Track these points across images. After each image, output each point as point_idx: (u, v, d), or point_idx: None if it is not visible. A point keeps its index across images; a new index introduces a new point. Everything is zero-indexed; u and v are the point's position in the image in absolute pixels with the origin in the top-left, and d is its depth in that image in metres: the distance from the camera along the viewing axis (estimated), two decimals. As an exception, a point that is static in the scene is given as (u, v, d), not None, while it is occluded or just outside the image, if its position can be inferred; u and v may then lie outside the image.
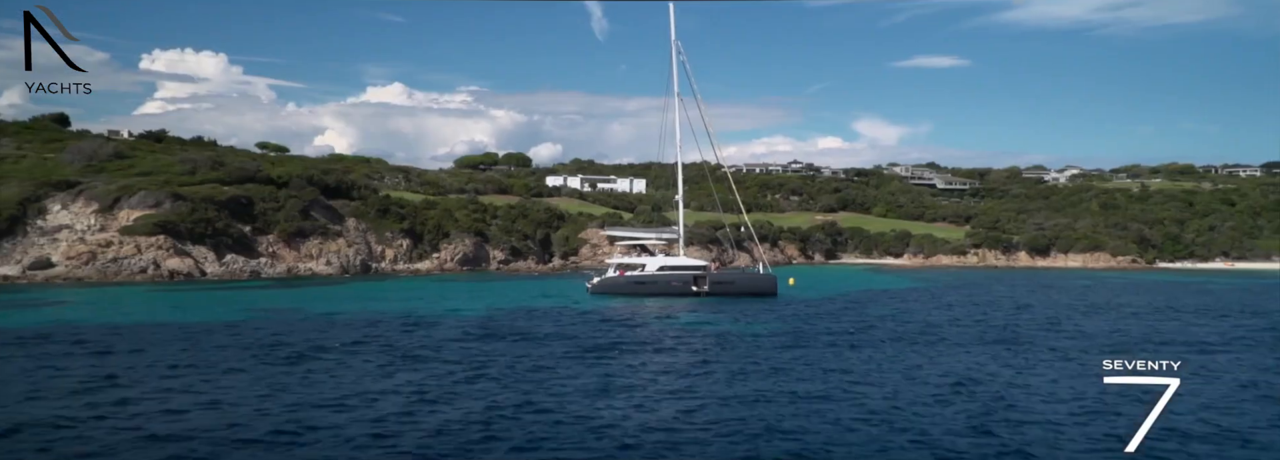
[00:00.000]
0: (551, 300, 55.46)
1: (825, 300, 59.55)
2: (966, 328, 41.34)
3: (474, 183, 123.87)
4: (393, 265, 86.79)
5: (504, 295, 59.33)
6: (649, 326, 41.42)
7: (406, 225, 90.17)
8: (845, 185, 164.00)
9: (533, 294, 60.76)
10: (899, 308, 53.53)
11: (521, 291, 63.13)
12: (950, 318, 46.70)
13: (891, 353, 32.37)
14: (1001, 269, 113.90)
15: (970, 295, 65.21)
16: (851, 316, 47.21)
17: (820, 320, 44.97)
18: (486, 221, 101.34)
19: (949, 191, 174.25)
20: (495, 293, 61.57)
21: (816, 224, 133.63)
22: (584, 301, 55.55)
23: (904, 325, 42.31)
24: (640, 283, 59.97)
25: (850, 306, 54.11)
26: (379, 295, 57.88)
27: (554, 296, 58.74)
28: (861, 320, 44.85)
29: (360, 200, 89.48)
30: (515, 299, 56.22)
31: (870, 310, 51.59)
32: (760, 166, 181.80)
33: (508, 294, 60.67)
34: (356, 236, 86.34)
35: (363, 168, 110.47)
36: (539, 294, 60.75)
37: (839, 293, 66.93)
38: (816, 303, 57.06)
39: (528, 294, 60.79)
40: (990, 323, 43.91)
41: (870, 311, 50.49)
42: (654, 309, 50.91)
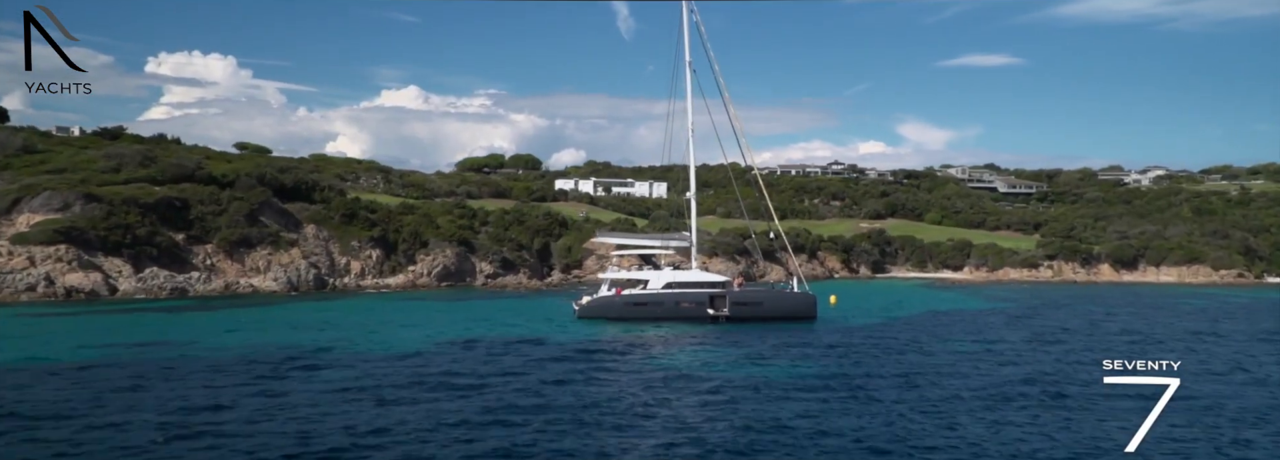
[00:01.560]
0: (524, 327, 45.73)
1: (880, 326, 49.25)
2: (1101, 369, 30.83)
3: (467, 185, 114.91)
4: (359, 280, 77.57)
5: (469, 320, 49.73)
6: (633, 371, 31.56)
7: (377, 233, 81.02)
8: (893, 189, 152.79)
9: (507, 317, 51.11)
10: (982, 338, 43.10)
11: (495, 314, 53.51)
12: (1069, 357, 36.18)
13: (1014, 419, 22.06)
14: (1082, 284, 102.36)
15: (1064, 319, 54.46)
16: (923, 353, 36.89)
17: (879, 359, 34.79)
18: (474, 229, 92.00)
19: (1012, 196, 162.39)
20: (460, 316, 52.00)
21: (861, 232, 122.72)
22: (567, 328, 45.80)
23: (1005, 368, 31.91)
24: (641, 304, 50.11)
25: (916, 336, 43.73)
26: (308, 320, 48.55)
27: (531, 321, 49.06)
28: (941, 361, 34.49)
29: (322, 203, 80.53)
30: (479, 325, 46.58)
31: (947, 342, 41.16)
32: (797, 168, 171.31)
33: (476, 318, 51.09)
34: (316, 246, 77.34)
35: (335, 167, 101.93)
36: (515, 317, 51.10)
37: (895, 315, 56.53)
38: (869, 330, 46.80)
39: (501, 317, 51.15)
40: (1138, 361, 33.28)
41: (948, 344, 40.09)
42: (654, 341, 41.01)
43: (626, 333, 44.39)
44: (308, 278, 71.61)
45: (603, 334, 43.68)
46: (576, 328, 46.08)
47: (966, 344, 41.05)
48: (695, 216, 54.16)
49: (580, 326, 46.77)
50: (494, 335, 41.95)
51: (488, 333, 42.91)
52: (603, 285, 52.79)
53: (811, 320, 51.27)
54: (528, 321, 48.86)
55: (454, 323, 47.86)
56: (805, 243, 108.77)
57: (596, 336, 42.27)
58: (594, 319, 49.36)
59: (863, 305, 64.22)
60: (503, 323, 48.21)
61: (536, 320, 50.22)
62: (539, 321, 49.33)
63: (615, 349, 37.44)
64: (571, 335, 42.42)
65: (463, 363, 32.35)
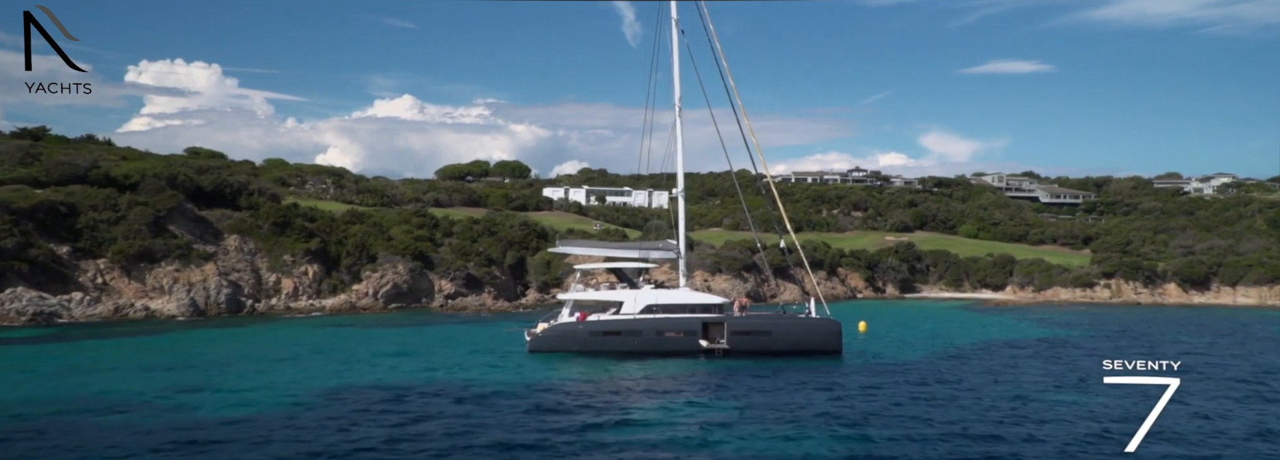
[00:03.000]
0: (450, 367, 36.12)
1: (928, 363, 39.53)
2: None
3: (436, 192, 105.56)
4: (290, 301, 68.13)
5: (383, 355, 40.17)
6: (572, 439, 21.85)
7: (315, 245, 71.64)
8: (922, 198, 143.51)
9: (437, 351, 41.53)
10: (1074, 385, 33.15)
11: (427, 346, 43.95)
12: (1203, 419, 26.35)
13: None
14: (1148, 306, 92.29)
15: (1165, 349, 44.39)
16: (1004, 414, 27.09)
17: (953, 425, 25.00)
18: (436, 241, 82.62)
19: (1056, 206, 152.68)
20: (377, 348, 42.44)
21: (887, 247, 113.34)
22: (508, 367, 36.19)
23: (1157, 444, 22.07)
24: (612, 333, 40.50)
25: (988, 379, 33.81)
26: (171, 358, 39.09)
27: (466, 357, 39.51)
28: (1061, 434, 24.69)
29: (249, 210, 71.21)
30: (388, 363, 37.03)
31: (1040, 390, 31.30)
32: (814, 175, 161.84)
33: (397, 351, 41.55)
34: (238, 261, 67.99)
35: (277, 170, 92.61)
36: (448, 351, 41.55)
37: (942, 347, 46.77)
38: (916, 370, 37.12)
39: (430, 351, 41.58)
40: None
41: (1051, 397, 30.22)
42: (622, 389, 31.38)
43: (587, 375, 34.74)
44: (218, 299, 62.11)
45: (552, 377, 34.02)
46: (521, 367, 36.41)
47: (1071, 394, 31.22)
48: (683, 219, 44.54)
49: (528, 365, 37.11)
50: (397, 380, 32.37)
51: (389, 376, 33.32)
52: (563, 309, 43.12)
53: (836, 355, 41.61)
54: (461, 357, 39.25)
55: (358, 360, 38.27)
56: (824, 258, 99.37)
57: (542, 382, 32.60)
58: (549, 353, 39.69)
59: (898, 333, 54.43)
60: (426, 359, 38.58)
61: (477, 354, 40.62)
62: (478, 357, 39.73)
63: (562, 405, 27.81)
64: (507, 380, 32.75)
65: (304, 433, 22.77)
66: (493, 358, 39.04)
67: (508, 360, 38.33)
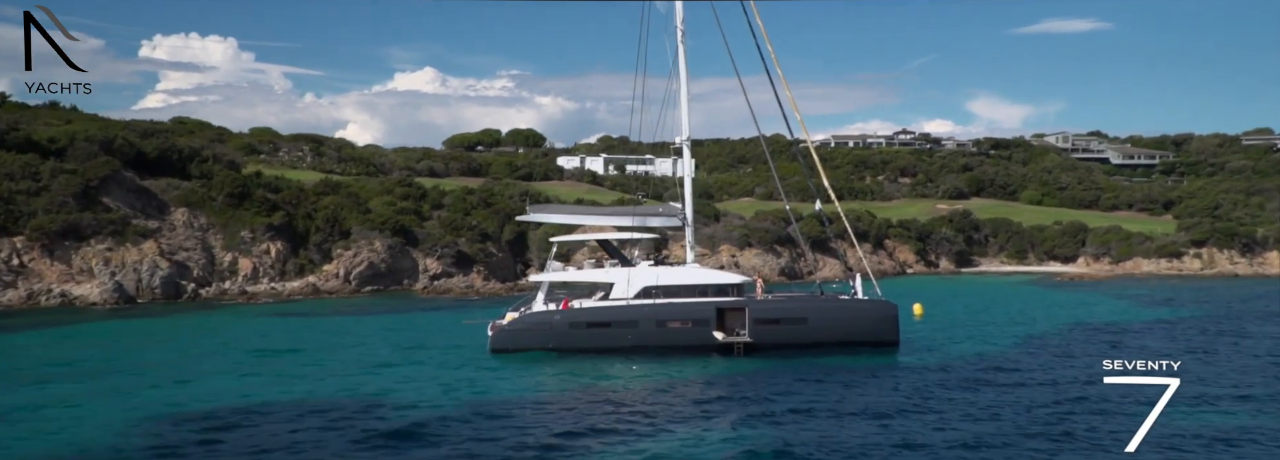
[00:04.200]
0: (361, 380, 28.24)
1: (1020, 357, 31.18)
2: None
3: (431, 160, 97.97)
4: (248, 284, 61.05)
5: (314, 355, 32.61)
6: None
7: (279, 219, 64.38)
8: (977, 162, 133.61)
9: (380, 349, 33.80)
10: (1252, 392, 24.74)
11: (370, 341, 36.29)
12: None
13: None
14: (1248, 278, 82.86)
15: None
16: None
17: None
18: (422, 213, 75.11)
19: (1129, 168, 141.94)
20: (274, 348, 34.78)
21: (940, 215, 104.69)
22: (460, 374, 28.44)
23: None
24: (599, 325, 32.60)
25: (1113, 398, 25.35)
26: (30, 358, 31.79)
27: (412, 357, 31.83)
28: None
29: (201, 180, 63.99)
30: (287, 370, 29.30)
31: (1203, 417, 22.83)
32: (856, 139, 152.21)
33: (334, 350, 34.03)
34: (187, 238, 60.94)
35: (244, 137, 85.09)
36: (394, 349, 33.80)
37: (1026, 334, 38.40)
38: (1005, 366, 28.98)
39: (370, 349, 33.90)
40: None
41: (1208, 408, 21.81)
42: (606, 409, 23.54)
43: (563, 386, 26.97)
44: (151, 283, 54.98)
45: (515, 390, 26.30)
46: (468, 375, 28.60)
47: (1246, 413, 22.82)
48: (690, 176, 36.19)
49: (488, 371, 29.33)
50: (274, 394, 24.69)
51: (265, 388, 25.66)
52: (537, 293, 35.15)
53: (892, 347, 33.47)
54: (391, 359, 31.51)
55: (286, 365, 30.76)
56: (868, 229, 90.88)
57: (499, 399, 24.90)
58: (516, 353, 31.81)
59: (965, 317, 46.07)
60: (354, 363, 30.87)
61: (429, 351, 32.98)
62: (431, 354, 32.09)
63: (521, 439, 19.92)
64: (434, 398, 24.91)
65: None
66: (433, 360, 31.26)
67: (453, 364, 30.50)
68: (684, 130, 36.27)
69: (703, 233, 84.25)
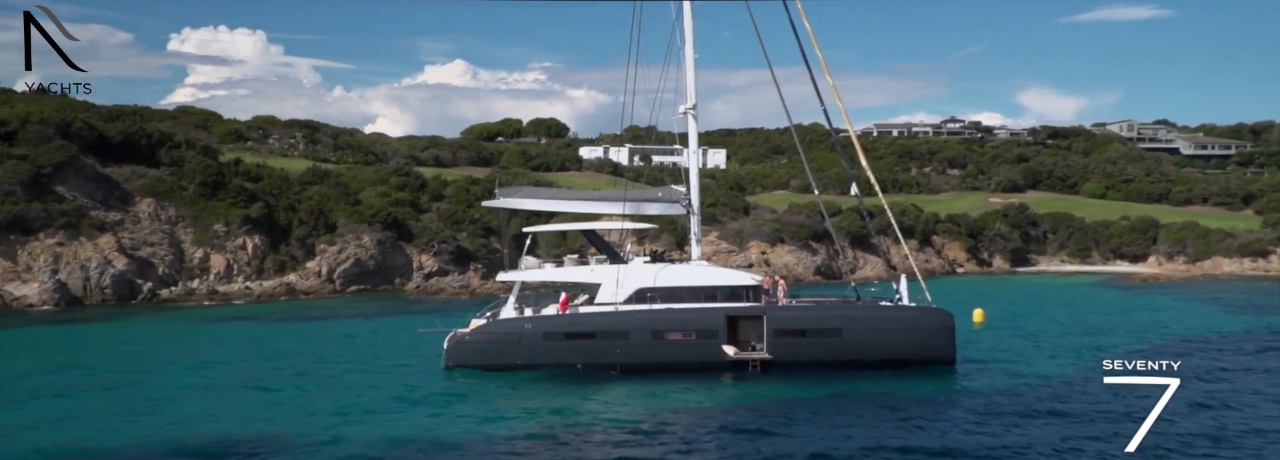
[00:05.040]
0: (282, 412, 22.91)
1: (1119, 390, 25.10)
2: None
3: (437, 149, 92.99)
4: (221, 283, 56.43)
5: (218, 374, 27.31)
6: None
7: (257, 211, 59.69)
8: (1033, 152, 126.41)
9: (312, 370, 28.52)
10: None
11: (310, 358, 31.15)
12: None
13: None
14: (1348, 282, 75.03)
15: None
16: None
17: None
18: (420, 206, 70.09)
19: (1201, 159, 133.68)
20: (227, 361, 29.66)
21: (993, 209, 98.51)
22: (396, 403, 23.01)
23: None
24: (581, 336, 27.02)
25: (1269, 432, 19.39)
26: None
27: (344, 383, 26.41)
28: None
29: (171, 168, 59.42)
30: (201, 400, 24.07)
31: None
32: (900, 127, 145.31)
33: (246, 367, 28.69)
34: (153, 232, 56.41)
35: (231, 123, 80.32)
36: (327, 369, 28.52)
37: (1116, 348, 32.10)
38: (1089, 399, 22.90)
39: (302, 369, 28.64)
40: None
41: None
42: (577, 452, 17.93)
43: (525, 425, 21.43)
44: (101, 283, 50.31)
45: (456, 432, 20.69)
46: (409, 408, 23.12)
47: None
48: (695, 154, 30.46)
49: (429, 400, 23.89)
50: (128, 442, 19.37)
51: (120, 436, 20.34)
52: (508, 297, 29.66)
53: (947, 366, 27.58)
54: (330, 383, 26.17)
55: (115, 390, 25.48)
56: (914, 223, 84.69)
57: (429, 446, 19.26)
58: (475, 371, 26.33)
59: (1031, 324, 39.83)
60: (256, 390, 25.54)
61: (366, 372, 27.57)
62: (365, 377, 26.71)
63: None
64: (362, 442, 19.38)
65: None
66: (363, 383, 25.85)
67: (392, 389, 25.03)
68: (689, 97, 30.55)
69: (730, 228, 78.41)
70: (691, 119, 30.68)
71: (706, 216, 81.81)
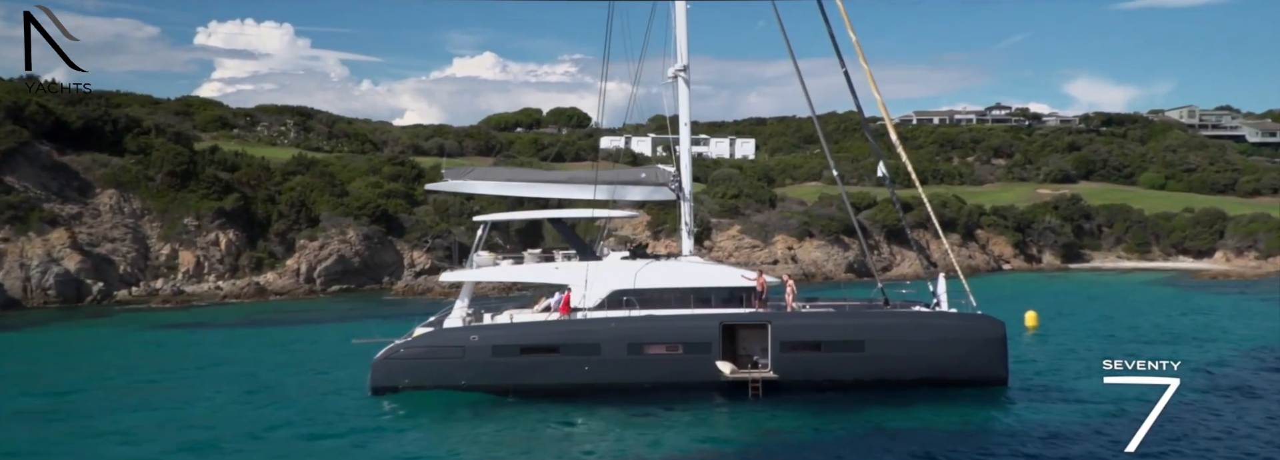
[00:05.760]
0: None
1: (1213, 407, 19.90)
2: None
3: (442, 138, 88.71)
4: (191, 283, 52.51)
5: (72, 406, 22.87)
6: None
7: (233, 203, 55.65)
8: (1086, 140, 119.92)
9: (210, 397, 24.03)
10: None
11: (217, 379, 26.60)
12: None
13: None
14: None
15: None
16: None
17: None
18: (416, 197, 65.77)
19: (1271, 147, 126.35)
20: (94, 388, 25.17)
21: (1042, 201, 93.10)
22: (307, 432, 18.37)
23: None
24: (538, 351, 22.13)
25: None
26: None
27: (226, 415, 21.83)
28: None
29: (138, 156, 55.49)
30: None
31: None
32: (942, 115, 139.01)
33: (169, 382, 24.35)
34: (115, 226, 52.53)
35: (214, 109, 75.93)
36: (225, 396, 24.00)
37: (1197, 361, 26.83)
38: (1187, 432, 17.66)
39: (200, 394, 24.14)
40: None
41: None
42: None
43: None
44: (43, 283, 46.31)
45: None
46: (313, 444, 18.45)
47: None
48: (687, 132, 25.58)
49: (346, 433, 19.17)
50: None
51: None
52: (457, 301, 25.01)
53: (997, 387, 22.51)
54: (213, 417, 21.57)
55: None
56: (956, 216, 79.28)
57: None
58: (406, 394, 21.62)
59: (1094, 330, 34.46)
60: (131, 414, 21.02)
61: (278, 395, 22.94)
62: (277, 400, 22.07)
63: None
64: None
65: None
66: (257, 423, 21.15)
67: (277, 421, 20.33)
68: (680, 56, 25.62)
69: (754, 220, 73.40)
70: (682, 84, 25.79)
71: (728, 208, 76.96)
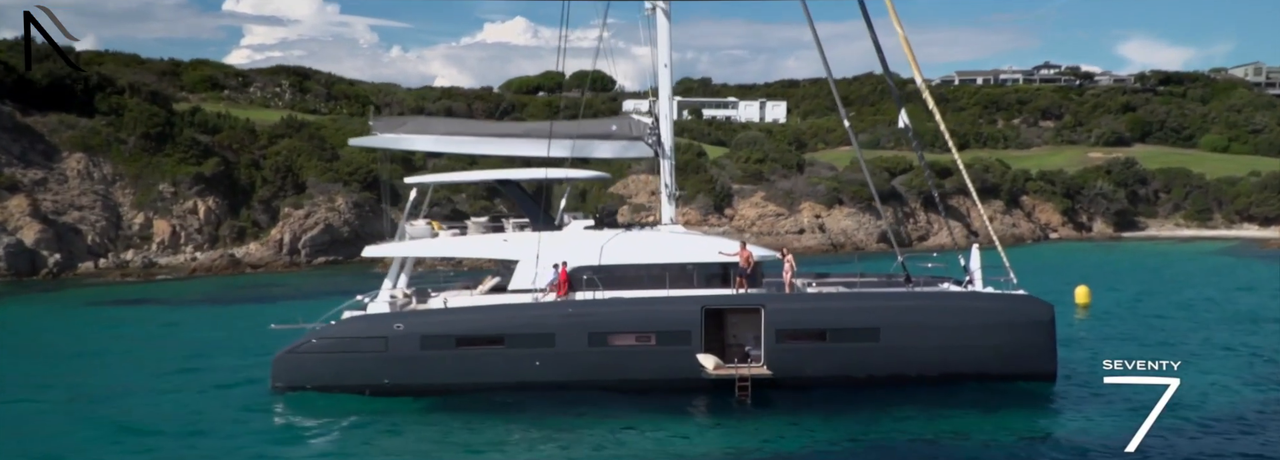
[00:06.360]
0: None
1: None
2: None
3: (450, 100, 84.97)
4: (166, 254, 49.68)
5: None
6: None
7: (213, 168, 52.54)
8: (1141, 100, 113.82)
9: (133, 378, 20.61)
10: None
11: (156, 357, 23.15)
12: None
13: None
14: None
15: None
16: None
17: None
18: (415, 162, 62.10)
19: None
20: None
21: (1093, 165, 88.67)
22: (180, 444, 14.73)
23: None
24: (478, 342, 18.21)
25: None
26: None
27: (128, 404, 18.34)
28: None
29: (109, 116, 52.34)
30: None
31: None
32: (986, 75, 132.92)
33: (51, 371, 20.95)
34: (83, 193, 49.58)
35: (204, 69, 72.13)
36: (127, 384, 20.55)
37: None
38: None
39: (124, 377, 20.74)
40: None
41: None
42: None
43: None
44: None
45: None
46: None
47: None
48: (668, 76, 21.56)
49: (228, 445, 15.53)
50: None
51: None
52: (385, 283, 21.29)
53: (1044, 382, 18.38)
54: (83, 411, 18.09)
55: None
56: (1000, 182, 74.97)
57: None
58: (320, 396, 17.96)
59: (1156, 308, 30.09)
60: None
61: (165, 391, 19.43)
62: (158, 399, 18.59)
63: None
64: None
65: None
66: (114, 411, 17.60)
67: (149, 427, 16.76)
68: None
69: (779, 187, 69.05)
70: (661, 16, 21.68)
71: (752, 174, 72.65)
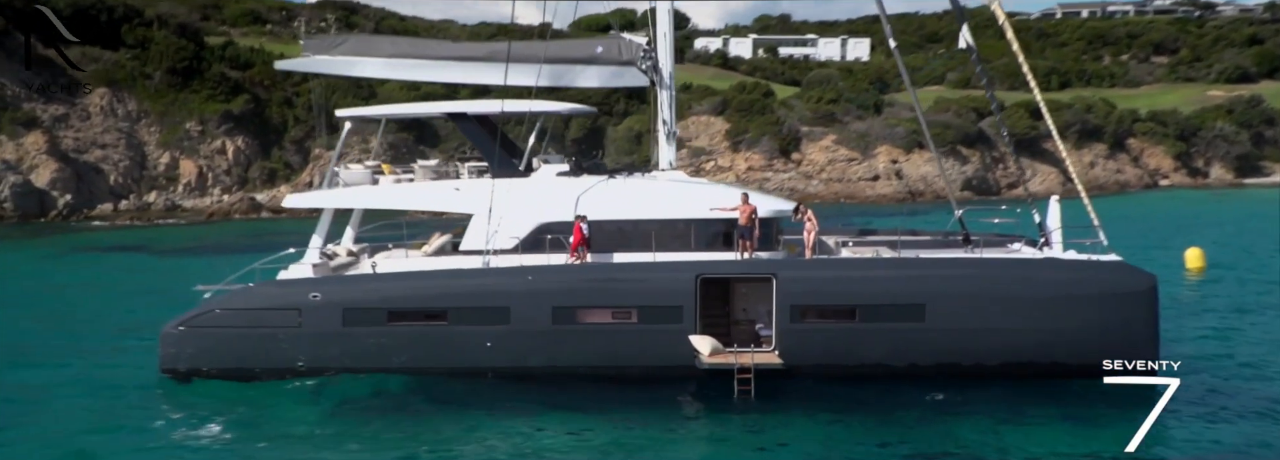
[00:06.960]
0: None
1: None
2: None
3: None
4: (192, 197, 47.96)
5: None
6: None
7: (243, 106, 50.43)
8: (1270, 32, 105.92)
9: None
10: None
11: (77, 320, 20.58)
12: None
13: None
14: None
15: None
16: None
17: None
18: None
19: None
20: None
21: (1213, 105, 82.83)
22: None
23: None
24: (413, 317, 14.89)
25: None
26: None
27: None
28: None
29: (134, 50, 50.36)
30: None
31: None
32: (1093, 7, 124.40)
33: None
34: (106, 130, 48.00)
35: (246, 1, 69.96)
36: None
37: None
38: None
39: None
40: None
41: None
42: None
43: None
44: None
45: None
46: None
47: None
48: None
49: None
50: None
51: None
52: (313, 239, 18.06)
53: (1142, 376, 14.22)
54: None
55: None
56: (1104, 124, 69.51)
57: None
58: (218, 382, 14.88)
59: None
60: None
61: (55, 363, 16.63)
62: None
63: None
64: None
65: None
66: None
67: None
68: None
69: (852, 129, 64.17)
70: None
71: (823, 115, 67.76)
